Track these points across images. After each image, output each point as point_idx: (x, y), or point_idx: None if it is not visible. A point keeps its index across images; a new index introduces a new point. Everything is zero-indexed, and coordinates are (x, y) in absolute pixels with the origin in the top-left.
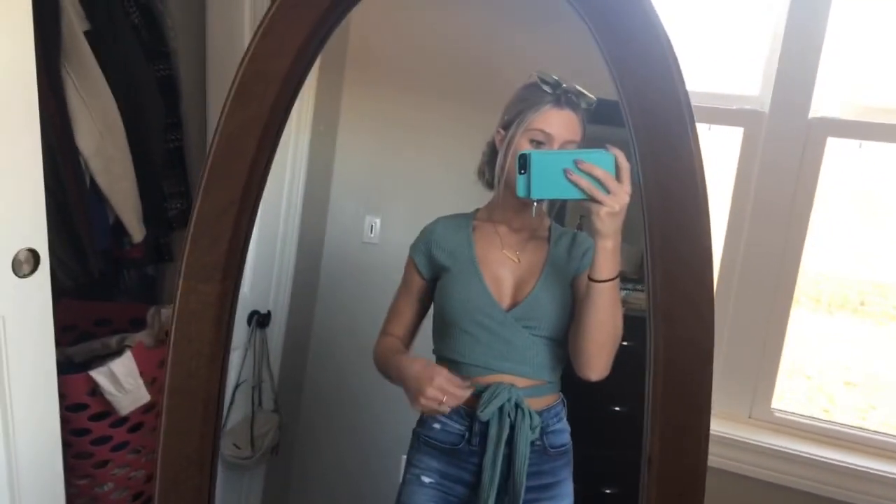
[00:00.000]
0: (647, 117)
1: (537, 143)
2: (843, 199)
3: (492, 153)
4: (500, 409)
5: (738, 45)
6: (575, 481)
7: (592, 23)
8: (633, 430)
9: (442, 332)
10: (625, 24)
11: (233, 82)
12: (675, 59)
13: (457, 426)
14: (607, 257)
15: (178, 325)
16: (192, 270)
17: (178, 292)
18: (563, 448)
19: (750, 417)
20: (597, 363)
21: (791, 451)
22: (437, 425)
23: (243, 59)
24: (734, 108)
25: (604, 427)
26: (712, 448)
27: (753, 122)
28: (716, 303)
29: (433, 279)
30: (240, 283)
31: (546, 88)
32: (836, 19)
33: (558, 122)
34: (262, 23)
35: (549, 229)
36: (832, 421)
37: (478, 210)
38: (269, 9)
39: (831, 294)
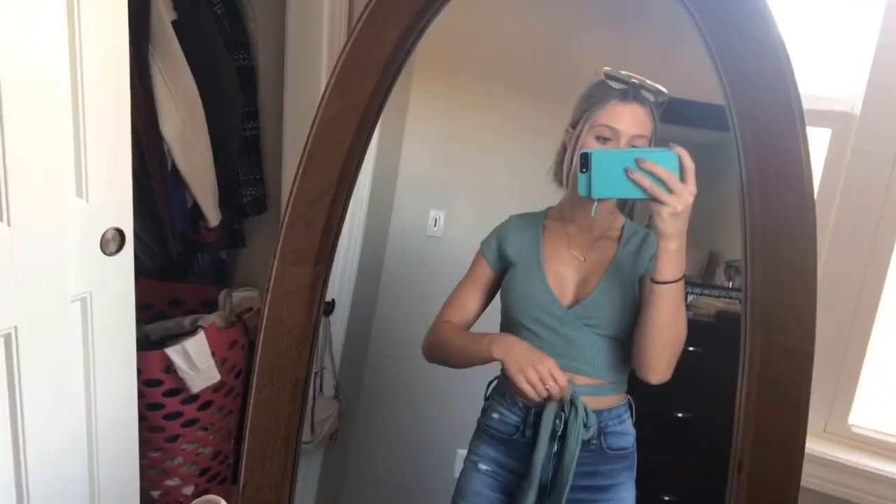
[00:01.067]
0: (755, 119)
1: (604, 140)
2: None
3: (564, 152)
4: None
5: (828, 44)
6: (637, 486)
7: (704, 22)
8: (697, 436)
9: (506, 328)
10: (739, 24)
11: (332, 71)
12: (789, 61)
13: (514, 417)
14: (670, 259)
15: (271, 305)
16: (286, 253)
17: (273, 274)
18: (623, 451)
19: (825, 431)
20: (657, 366)
21: (866, 468)
22: (495, 415)
23: (344, 49)
24: (822, 108)
25: (666, 433)
26: None
27: (843, 123)
28: None
29: (501, 272)
30: (331, 266)
31: (612, 84)
32: None
33: (625, 117)
34: (363, 12)
35: (623, 228)
36: None
37: (550, 209)
38: None
39: None
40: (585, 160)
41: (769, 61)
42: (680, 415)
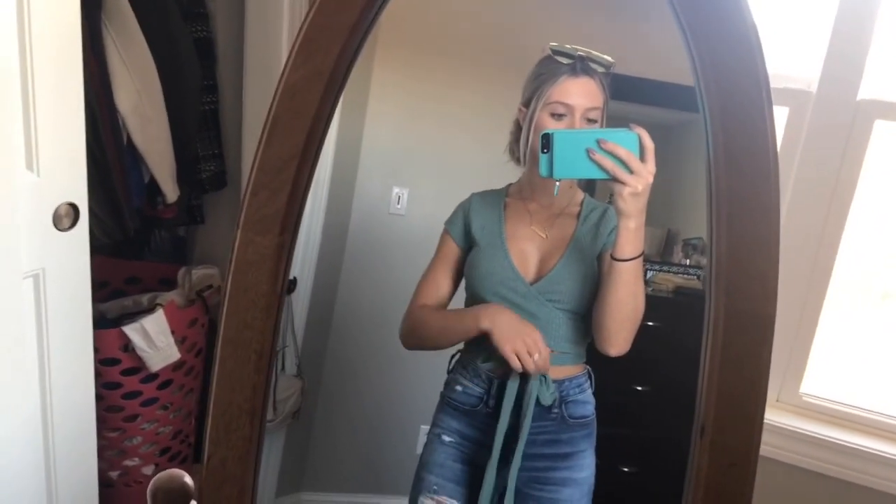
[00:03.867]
0: (724, 93)
1: (559, 116)
2: (890, 183)
3: (518, 131)
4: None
5: (786, 24)
6: (597, 456)
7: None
8: (655, 409)
9: (471, 305)
10: (714, 8)
11: (297, 34)
12: (758, 38)
13: (477, 389)
14: (630, 237)
15: (234, 275)
16: (250, 222)
17: (236, 243)
18: (583, 419)
19: (778, 401)
20: (616, 339)
21: (818, 436)
22: (458, 388)
23: (309, 11)
24: (780, 86)
25: (625, 405)
26: None
27: (799, 101)
28: None
29: (468, 249)
30: (296, 236)
31: (560, 59)
32: None
33: (576, 91)
34: None
35: (582, 204)
36: (860, 406)
37: (510, 186)
38: None
39: (869, 280)
40: (547, 141)
41: (740, 36)
42: (639, 388)
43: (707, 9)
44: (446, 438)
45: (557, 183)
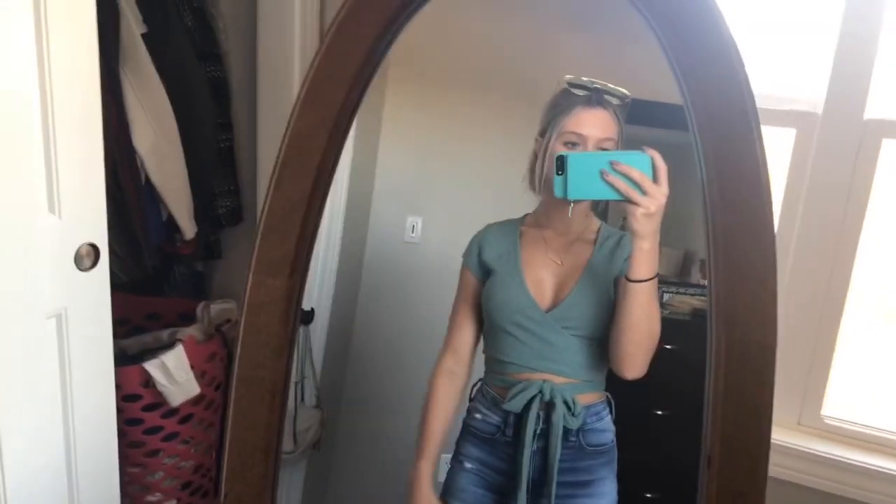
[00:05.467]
0: (713, 120)
1: (572, 146)
2: None
3: (534, 161)
4: (530, 402)
5: (791, 45)
6: (620, 483)
7: (659, 27)
8: (676, 434)
9: (488, 332)
10: (692, 28)
11: (303, 83)
12: (742, 63)
13: (495, 417)
14: (644, 258)
15: (247, 317)
16: (261, 265)
17: (248, 285)
18: (602, 447)
19: (799, 424)
20: (632, 363)
21: (841, 459)
22: (478, 415)
23: (314, 61)
24: (786, 108)
25: (646, 430)
26: None
27: (806, 123)
28: None
29: (484, 280)
30: (306, 277)
31: (576, 91)
32: (894, 17)
33: (590, 123)
34: (332, 25)
35: (598, 231)
36: (883, 429)
37: (526, 215)
38: (340, 11)
39: (886, 301)
40: (561, 163)
41: (723, 65)
42: (659, 412)
43: (690, 41)
44: (468, 465)
45: (571, 204)
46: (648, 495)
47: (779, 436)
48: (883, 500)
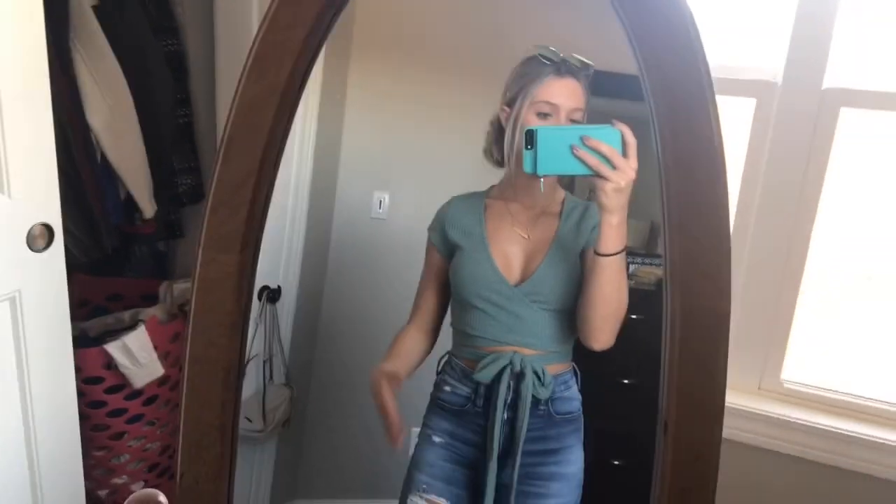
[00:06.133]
0: (668, 92)
1: (544, 115)
2: (857, 170)
3: (497, 132)
4: (500, 373)
5: (749, 15)
6: (585, 451)
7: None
8: (642, 402)
9: (457, 306)
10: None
11: (249, 52)
12: (698, 34)
13: (465, 389)
14: (612, 232)
15: (198, 294)
16: (211, 240)
17: (198, 262)
18: (569, 415)
19: (760, 388)
20: (601, 334)
21: (800, 422)
22: (447, 388)
23: (260, 29)
24: (746, 78)
25: (614, 399)
26: None
27: (766, 92)
28: None
29: (451, 256)
30: (258, 253)
31: (546, 60)
32: None
33: (562, 92)
34: None
35: (563, 203)
36: (841, 391)
37: (491, 188)
38: None
39: (850, 264)
40: (531, 137)
41: (679, 35)
42: (626, 381)
43: (645, 11)
44: (436, 439)
45: (542, 180)
46: (616, 462)
47: (740, 400)
48: (838, 460)
